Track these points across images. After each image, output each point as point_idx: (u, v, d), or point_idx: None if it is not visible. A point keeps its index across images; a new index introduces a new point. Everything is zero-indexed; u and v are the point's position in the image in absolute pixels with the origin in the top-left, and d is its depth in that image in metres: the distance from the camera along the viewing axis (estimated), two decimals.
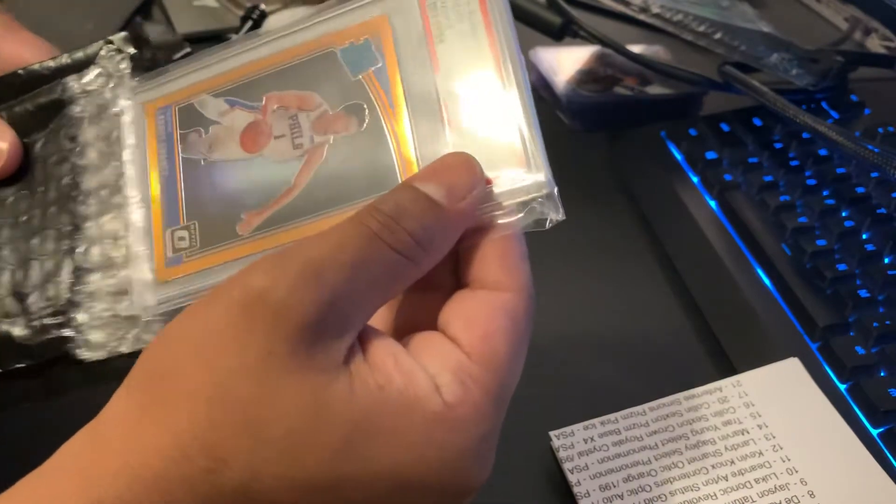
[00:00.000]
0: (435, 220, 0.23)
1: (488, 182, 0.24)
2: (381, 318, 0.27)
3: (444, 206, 0.23)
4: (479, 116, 0.25)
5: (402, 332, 0.25)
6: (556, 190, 0.24)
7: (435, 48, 0.26)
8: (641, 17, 0.56)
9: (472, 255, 0.24)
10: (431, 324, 0.24)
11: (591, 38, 0.58)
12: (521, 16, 0.60)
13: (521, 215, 0.24)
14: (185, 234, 0.28)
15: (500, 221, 0.24)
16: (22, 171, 0.31)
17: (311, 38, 0.28)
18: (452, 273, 0.25)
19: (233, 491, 0.20)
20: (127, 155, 0.30)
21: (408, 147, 0.26)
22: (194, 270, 0.28)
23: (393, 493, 0.21)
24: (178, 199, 0.28)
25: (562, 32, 0.59)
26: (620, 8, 0.58)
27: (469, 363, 0.22)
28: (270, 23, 0.64)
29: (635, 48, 0.57)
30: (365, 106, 0.27)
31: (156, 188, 0.29)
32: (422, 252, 0.23)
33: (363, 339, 0.23)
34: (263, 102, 0.28)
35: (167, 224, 0.28)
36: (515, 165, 0.24)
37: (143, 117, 0.30)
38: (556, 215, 0.24)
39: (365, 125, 0.26)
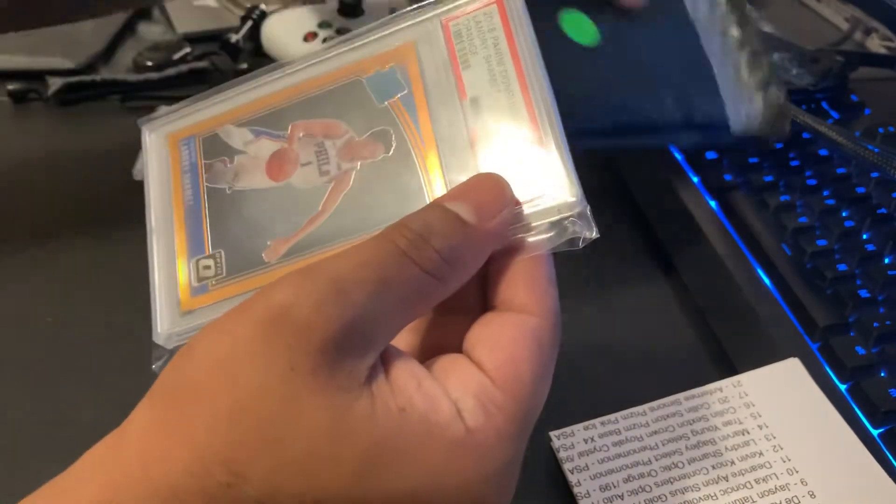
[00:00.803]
0: (463, 239, 0.22)
1: (518, 203, 0.24)
2: (406, 340, 0.26)
3: (473, 225, 0.22)
4: (507, 138, 0.25)
5: (428, 354, 0.24)
6: (588, 209, 0.24)
7: (461, 74, 0.26)
8: None
9: (500, 277, 0.24)
10: (458, 347, 0.24)
11: None
12: None
13: (551, 234, 0.24)
14: (210, 262, 0.28)
15: (529, 241, 0.24)
16: None
17: (337, 68, 0.28)
18: (481, 296, 0.25)
19: None
20: (150, 186, 0.30)
21: (435, 171, 0.25)
22: (221, 298, 0.27)
23: None
24: (203, 229, 0.28)
25: None
26: None
27: (493, 388, 0.22)
28: (270, 23, 0.64)
29: None
30: (391, 132, 0.27)
31: (180, 218, 0.29)
32: (449, 271, 0.22)
33: (386, 359, 0.22)
34: (289, 131, 0.28)
35: (192, 254, 0.28)
36: (545, 185, 0.24)
37: (165, 148, 0.30)
38: (589, 233, 0.24)
39: (392, 150, 0.26)
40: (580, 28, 0.37)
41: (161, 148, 0.30)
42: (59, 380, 0.38)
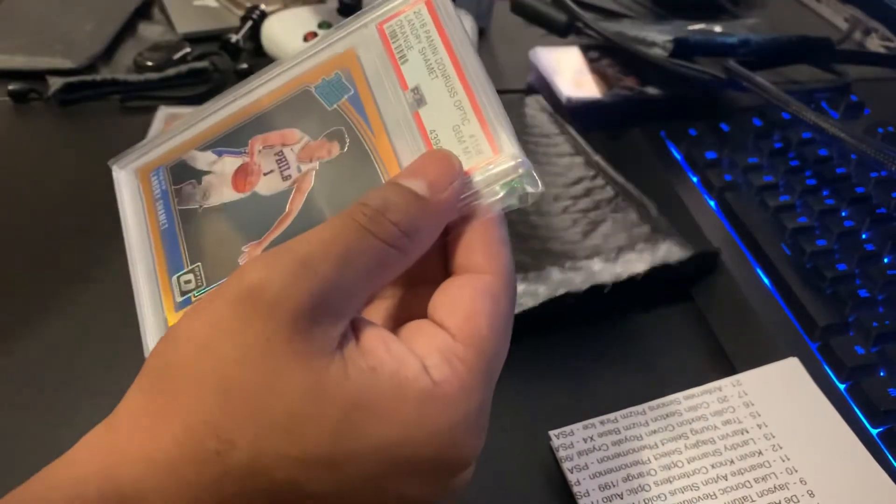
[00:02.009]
0: (419, 211, 0.24)
1: (467, 173, 0.26)
2: (379, 314, 0.28)
3: (426, 197, 0.24)
4: (450, 117, 0.27)
5: (398, 324, 0.26)
6: (531, 167, 0.25)
7: (400, 68, 0.28)
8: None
9: (456, 244, 0.26)
10: (424, 316, 0.26)
11: (595, 35, 0.58)
12: (527, 14, 0.61)
13: (500, 196, 0.26)
14: (190, 276, 0.29)
15: (481, 206, 0.26)
16: None
17: (286, 82, 0.31)
18: (443, 266, 0.26)
19: (239, 470, 0.21)
20: (126, 218, 0.32)
21: (389, 158, 0.27)
22: None
23: (389, 468, 0.22)
24: (181, 248, 0.30)
25: (567, 30, 0.59)
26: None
27: (455, 343, 0.24)
28: (270, 23, 0.64)
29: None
30: (344, 130, 0.29)
31: (157, 242, 0.31)
32: (408, 241, 0.24)
33: (355, 327, 0.24)
34: (249, 146, 0.31)
35: (172, 272, 0.30)
36: (488, 153, 0.26)
37: (136, 181, 0.33)
38: (535, 189, 0.26)
39: (347, 147, 0.28)
40: None
41: (132, 182, 0.33)
42: (55, 384, 0.38)
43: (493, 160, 0.26)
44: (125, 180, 0.33)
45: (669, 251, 0.42)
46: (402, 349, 0.23)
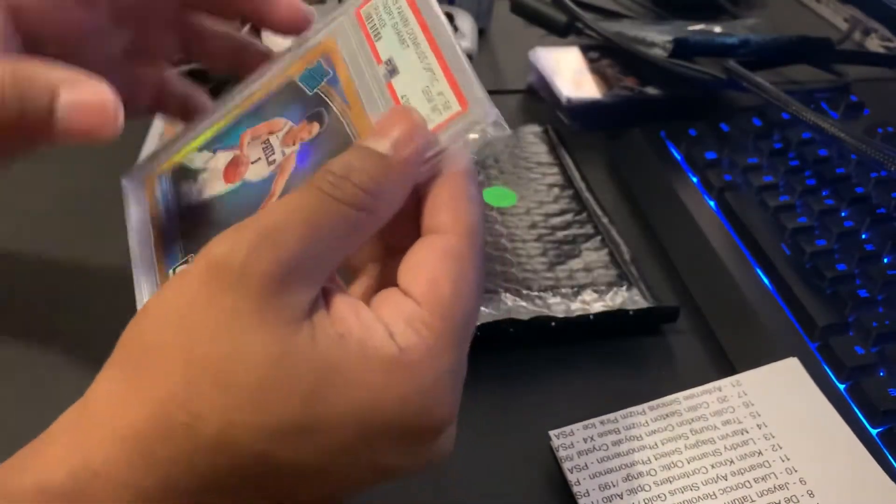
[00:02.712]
0: (382, 170, 0.24)
1: (438, 129, 0.26)
2: (358, 284, 0.29)
3: (389, 156, 0.24)
4: (418, 80, 0.27)
5: (373, 294, 0.26)
6: (499, 115, 0.26)
7: (375, 44, 0.29)
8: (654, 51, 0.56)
9: (425, 205, 0.26)
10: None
11: (595, 35, 0.58)
12: (527, 14, 0.61)
13: (470, 142, 0.26)
14: (184, 266, 0.30)
15: (451, 157, 0.26)
16: None
17: (275, 76, 0.32)
18: (418, 232, 0.27)
19: (209, 443, 0.21)
20: (131, 228, 0.33)
21: (365, 130, 0.28)
22: None
23: (361, 435, 0.22)
24: (178, 242, 0.31)
25: (567, 30, 0.59)
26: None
27: (419, 310, 0.24)
28: None
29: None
30: (324, 110, 0.29)
31: (159, 246, 0.32)
32: (373, 201, 0.24)
33: (327, 295, 0.24)
34: (240, 140, 0.32)
35: (168, 264, 0.31)
36: (456, 106, 0.26)
37: (143, 190, 0.34)
38: (503, 132, 0.26)
39: (325, 125, 0.29)
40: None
41: (139, 191, 0.34)
42: (54, 377, 0.38)
43: (461, 112, 0.26)
44: (132, 189, 0.34)
45: (629, 299, 0.41)
46: (370, 317, 0.23)
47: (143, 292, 0.30)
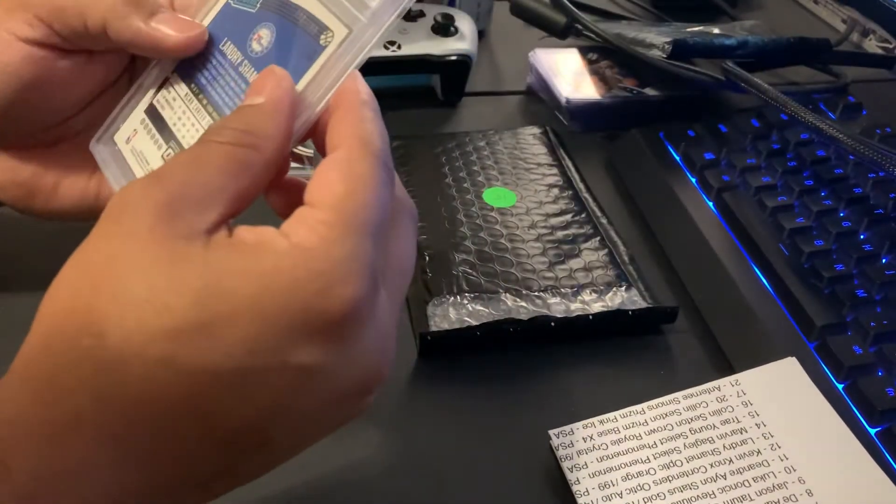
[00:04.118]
0: (255, 112, 0.26)
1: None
2: None
3: (261, 102, 0.27)
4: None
5: None
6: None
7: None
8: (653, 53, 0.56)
9: (324, 136, 0.27)
10: None
11: (594, 37, 0.58)
12: (527, 16, 0.61)
13: (353, 67, 0.27)
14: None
15: (340, 91, 0.27)
16: None
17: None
18: None
19: (112, 361, 0.22)
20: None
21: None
22: None
23: (258, 325, 0.23)
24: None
25: (566, 31, 0.59)
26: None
27: (314, 210, 0.25)
28: None
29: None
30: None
31: None
32: (254, 139, 0.26)
33: (238, 229, 0.25)
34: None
35: None
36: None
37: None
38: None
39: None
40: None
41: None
42: None
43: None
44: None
45: (628, 299, 0.42)
46: (270, 230, 0.24)
47: None
